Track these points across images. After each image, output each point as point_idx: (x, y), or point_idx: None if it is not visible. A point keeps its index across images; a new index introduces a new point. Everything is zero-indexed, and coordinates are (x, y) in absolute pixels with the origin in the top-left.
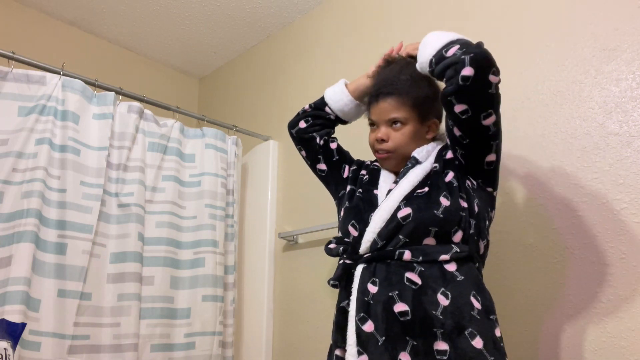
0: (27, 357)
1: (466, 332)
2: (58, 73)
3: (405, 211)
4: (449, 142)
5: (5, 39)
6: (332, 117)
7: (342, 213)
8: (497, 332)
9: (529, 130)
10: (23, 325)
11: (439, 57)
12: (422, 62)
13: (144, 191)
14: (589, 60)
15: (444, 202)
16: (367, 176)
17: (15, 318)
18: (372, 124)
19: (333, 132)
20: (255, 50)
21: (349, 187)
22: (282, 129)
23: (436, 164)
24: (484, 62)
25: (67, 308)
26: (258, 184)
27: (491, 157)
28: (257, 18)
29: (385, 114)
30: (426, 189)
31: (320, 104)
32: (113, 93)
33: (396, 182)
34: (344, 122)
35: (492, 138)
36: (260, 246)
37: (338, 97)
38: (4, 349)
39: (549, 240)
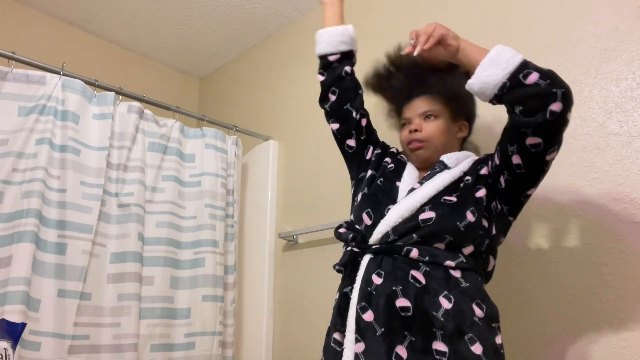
0: (27, 357)
1: (466, 337)
2: (58, 73)
3: (429, 214)
4: (497, 162)
5: (5, 39)
6: (340, 58)
7: (358, 198)
8: (498, 340)
9: None
10: (23, 325)
11: (517, 82)
12: (487, 82)
13: (144, 191)
14: (589, 60)
15: (470, 217)
16: (392, 165)
17: (15, 318)
18: (405, 122)
19: (362, 97)
20: (255, 50)
21: (369, 172)
22: (282, 129)
23: (468, 177)
24: (570, 99)
25: (67, 308)
26: (258, 184)
27: (532, 191)
28: (257, 18)
29: (419, 109)
30: (454, 198)
31: (324, 62)
32: (113, 93)
33: (421, 183)
34: (352, 53)
35: (544, 173)
36: (260, 246)
37: (330, 38)
38: (4, 349)
39: (549, 240)
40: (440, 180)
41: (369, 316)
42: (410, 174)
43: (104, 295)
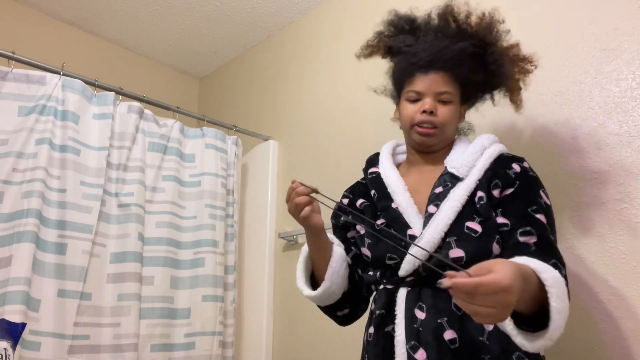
0: (27, 357)
1: (514, 357)
2: (58, 73)
3: (458, 253)
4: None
5: (5, 39)
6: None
7: (368, 240)
8: (541, 352)
9: (529, 130)
10: (23, 325)
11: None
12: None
13: (144, 191)
14: (589, 60)
15: (496, 250)
16: (373, 193)
17: (15, 318)
18: (415, 97)
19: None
20: (255, 50)
21: (359, 228)
22: (282, 129)
23: (482, 193)
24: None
25: (67, 308)
26: (258, 184)
27: None
28: (257, 18)
29: (436, 86)
30: (479, 227)
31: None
32: (113, 93)
33: (439, 196)
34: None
35: None
36: (260, 246)
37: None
38: (4, 349)
39: None
40: (458, 199)
41: (421, 355)
42: (395, 187)
43: (104, 295)
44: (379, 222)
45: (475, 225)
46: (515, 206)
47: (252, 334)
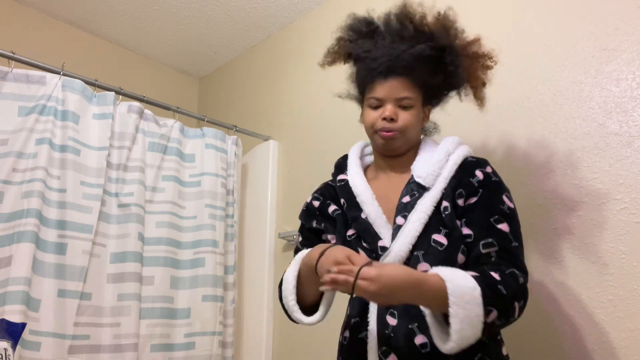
0: (27, 357)
1: (476, 358)
2: (58, 73)
3: (425, 267)
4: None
5: (5, 39)
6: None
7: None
8: (504, 351)
9: (529, 130)
10: (23, 325)
11: (485, 329)
12: (467, 340)
13: (144, 191)
14: (589, 60)
15: (460, 259)
16: (342, 202)
17: (15, 318)
18: (376, 103)
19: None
20: (255, 50)
21: (329, 237)
22: (282, 129)
23: (447, 203)
24: (525, 299)
25: (67, 308)
26: (258, 184)
27: None
28: (257, 18)
29: (396, 92)
30: (445, 240)
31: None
32: (113, 93)
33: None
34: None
35: None
36: (260, 246)
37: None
38: (4, 349)
39: (549, 240)
40: (424, 211)
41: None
42: (363, 195)
43: (104, 295)
44: (350, 232)
45: (441, 238)
46: (478, 216)
47: (252, 334)
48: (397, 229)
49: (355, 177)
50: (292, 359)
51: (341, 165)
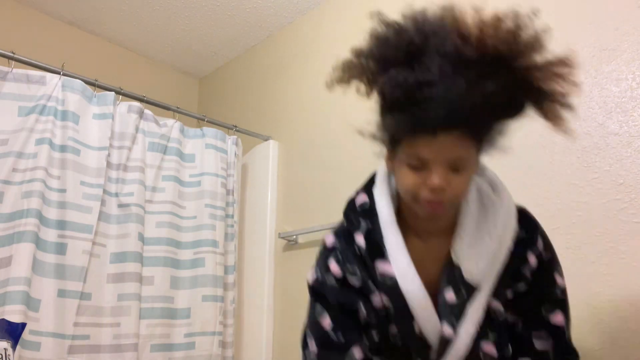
0: (27, 357)
1: None
2: (58, 73)
3: None
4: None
5: (5, 39)
6: None
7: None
8: None
9: (529, 130)
10: (23, 325)
11: None
12: None
13: (144, 191)
14: (589, 60)
15: (508, 353)
16: (385, 300)
17: (15, 318)
18: (419, 164)
19: None
20: (255, 50)
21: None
22: (282, 129)
23: (498, 304)
24: None
25: (67, 308)
26: (258, 184)
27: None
28: (257, 18)
29: (449, 152)
30: (495, 351)
31: None
32: (113, 93)
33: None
34: None
35: None
36: (260, 246)
37: None
38: (4, 349)
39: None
40: (474, 322)
41: None
42: (418, 299)
43: (104, 295)
44: (392, 331)
45: (491, 349)
46: (529, 305)
47: (252, 334)
48: (444, 342)
49: (408, 279)
50: (292, 359)
51: (372, 234)
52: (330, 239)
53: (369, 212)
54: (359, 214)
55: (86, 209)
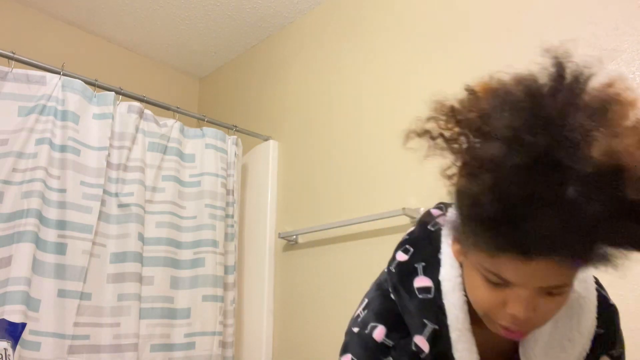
0: (27, 357)
1: None
2: (58, 73)
3: None
4: None
5: (5, 39)
6: None
7: None
8: None
9: None
10: (23, 325)
11: None
12: None
13: (144, 191)
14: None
15: None
16: None
17: (15, 318)
18: (500, 282)
19: None
20: (255, 50)
21: None
22: (282, 129)
23: None
24: None
25: (67, 308)
26: (258, 184)
27: None
28: (257, 18)
29: (542, 280)
30: None
31: None
32: (113, 93)
33: None
34: None
35: None
36: (260, 246)
37: None
38: (4, 349)
39: None
40: None
41: None
42: None
43: (104, 295)
44: None
45: None
46: None
47: (252, 334)
48: None
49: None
50: (292, 359)
51: (439, 341)
52: (379, 332)
53: (434, 305)
54: (420, 309)
55: (86, 209)
